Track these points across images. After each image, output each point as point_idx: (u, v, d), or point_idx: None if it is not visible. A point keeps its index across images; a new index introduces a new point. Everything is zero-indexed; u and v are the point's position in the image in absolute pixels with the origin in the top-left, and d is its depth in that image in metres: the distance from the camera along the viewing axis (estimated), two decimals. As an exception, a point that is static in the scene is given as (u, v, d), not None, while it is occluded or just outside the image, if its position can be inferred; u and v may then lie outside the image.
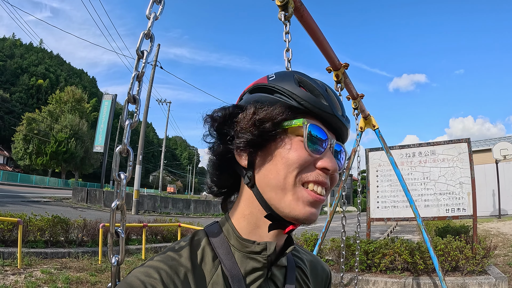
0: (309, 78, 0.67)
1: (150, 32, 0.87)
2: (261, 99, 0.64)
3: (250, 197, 0.65)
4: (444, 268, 5.44)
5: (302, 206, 0.60)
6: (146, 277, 0.55)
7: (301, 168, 0.60)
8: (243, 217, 0.66)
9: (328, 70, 2.22)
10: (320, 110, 0.62)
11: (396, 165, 3.68)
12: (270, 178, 0.61)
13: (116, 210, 0.73)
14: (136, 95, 0.82)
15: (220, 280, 0.61)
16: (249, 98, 0.67)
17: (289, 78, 0.65)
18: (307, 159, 0.60)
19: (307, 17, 1.59)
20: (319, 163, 0.61)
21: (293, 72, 0.68)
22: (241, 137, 0.62)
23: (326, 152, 0.62)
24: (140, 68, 0.83)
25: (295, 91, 0.62)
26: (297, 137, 0.61)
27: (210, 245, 0.65)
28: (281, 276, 0.68)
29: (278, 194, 0.61)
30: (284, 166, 0.60)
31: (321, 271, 0.82)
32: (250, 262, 0.63)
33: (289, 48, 1.36)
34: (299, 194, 0.60)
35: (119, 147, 0.76)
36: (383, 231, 13.46)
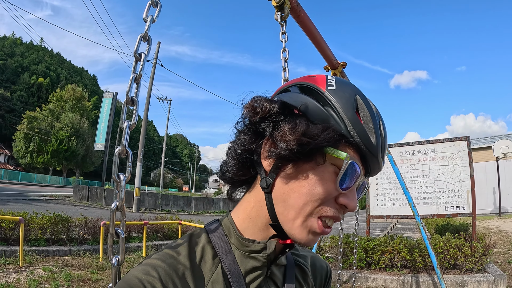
0: (367, 103, 0.62)
1: (148, 35, 0.88)
2: (311, 110, 0.59)
3: (261, 201, 0.63)
4: (443, 266, 5.46)
5: (306, 234, 0.59)
6: (144, 275, 0.55)
7: (323, 201, 0.58)
8: (249, 218, 0.65)
9: (326, 69, 2.24)
10: (365, 148, 0.59)
11: (394, 163, 3.70)
12: (289, 196, 0.59)
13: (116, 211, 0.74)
14: (135, 97, 0.84)
15: (220, 279, 0.60)
16: (298, 97, 0.61)
17: (349, 97, 0.60)
18: (333, 193, 0.59)
19: (303, 17, 1.61)
20: (341, 199, 0.59)
21: (356, 90, 0.63)
22: (278, 147, 0.58)
23: (352, 190, 0.60)
24: (138, 70, 0.85)
25: (349, 116, 0.58)
26: (332, 166, 0.58)
27: (210, 243, 0.64)
28: (280, 275, 0.68)
29: (289, 214, 0.59)
30: (308, 193, 0.58)
31: (320, 268, 0.82)
32: (250, 261, 0.63)
33: (285, 48, 1.38)
34: (309, 223, 0.59)
35: (118, 149, 0.77)
36: (384, 229, 13.49)
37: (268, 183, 0.60)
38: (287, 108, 0.60)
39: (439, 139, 7.09)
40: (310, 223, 0.59)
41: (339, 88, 0.61)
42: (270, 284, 0.65)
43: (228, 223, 0.67)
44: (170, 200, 21.00)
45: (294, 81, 0.66)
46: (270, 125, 0.59)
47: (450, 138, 6.98)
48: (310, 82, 0.62)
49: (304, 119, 0.58)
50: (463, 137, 6.79)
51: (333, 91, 0.60)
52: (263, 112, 0.59)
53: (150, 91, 19.78)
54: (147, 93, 19.89)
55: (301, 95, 0.62)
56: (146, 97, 19.77)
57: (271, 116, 0.59)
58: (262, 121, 0.60)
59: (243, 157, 0.63)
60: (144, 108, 19.67)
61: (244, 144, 0.63)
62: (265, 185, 0.61)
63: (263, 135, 0.61)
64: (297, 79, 0.66)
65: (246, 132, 0.63)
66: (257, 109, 0.60)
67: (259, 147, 0.62)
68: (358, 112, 0.60)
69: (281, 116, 0.59)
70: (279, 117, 0.59)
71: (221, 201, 24.66)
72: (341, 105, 0.59)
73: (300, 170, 0.59)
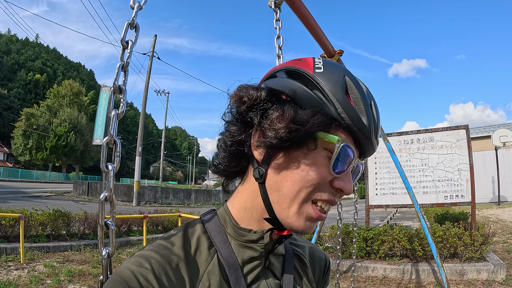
0: (357, 83, 0.60)
1: (135, 22, 0.86)
2: (299, 95, 0.57)
3: (255, 191, 0.62)
4: (442, 255, 5.48)
5: (303, 221, 0.58)
6: (137, 267, 0.54)
7: (317, 186, 0.57)
8: (244, 209, 0.64)
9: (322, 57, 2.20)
10: (357, 130, 0.57)
11: (393, 152, 3.68)
12: (282, 185, 0.58)
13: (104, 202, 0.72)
14: (122, 85, 0.82)
15: (216, 269, 0.59)
16: (285, 83, 0.59)
17: (338, 78, 0.58)
18: (327, 178, 0.57)
19: (298, 4, 1.58)
20: (336, 183, 0.58)
21: (344, 70, 0.60)
22: (267, 136, 0.56)
23: (347, 173, 0.59)
24: (125, 58, 0.83)
25: (338, 98, 0.56)
26: (325, 151, 0.57)
27: (206, 234, 0.63)
28: (278, 265, 0.67)
29: (284, 202, 0.58)
30: (302, 179, 0.57)
31: (318, 258, 0.81)
32: (247, 251, 0.62)
33: (280, 35, 1.35)
34: (304, 210, 0.58)
35: (106, 138, 0.76)
36: (383, 218, 13.54)
37: (261, 173, 0.59)
38: (275, 95, 0.58)
39: (438, 128, 7.08)
40: (305, 209, 0.58)
41: (327, 70, 0.59)
42: (269, 275, 0.64)
43: (224, 213, 0.66)
44: (170, 193, 21.06)
45: (281, 65, 0.64)
46: (258, 114, 0.58)
47: (449, 127, 6.96)
48: (297, 66, 0.60)
49: (293, 105, 0.56)
50: (462, 126, 6.77)
51: (321, 73, 0.58)
52: (250, 100, 0.58)
53: (148, 84, 19.67)
54: (145, 87, 19.78)
55: (289, 80, 0.59)
56: (143, 90, 19.67)
57: (258, 104, 0.58)
58: (249, 110, 0.58)
59: (234, 148, 0.62)
60: (142, 101, 19.58)
61: (233, 135, 0.61)
62: (258, 175, 0.60)
63: (252, 125, 0.59)
64: (284, 64, 0.64)
65: (234, 123, 0.62)
66: (244, 98, 0.58)
67: (249, 137, 0.60)
68: (348, 94, 0.58)
69: (268, 103, 0.58)
70: (266, 105, 0.58)
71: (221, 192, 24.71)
72: (330, 88, 0.57)
73: (292, 157, 0.57)
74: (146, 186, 22.39)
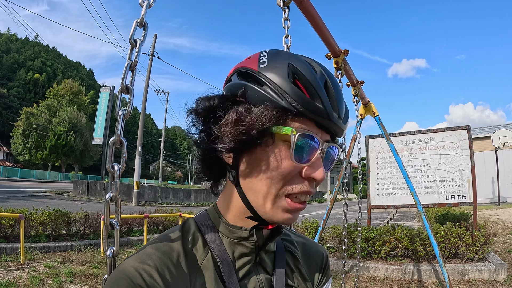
0: (306, 66, 0.59)
1: (144, 21, 0.84)
2: (249, 93, 0.58)
3: (235, 192, 0.64)
4: (444, 255, 5.47)
5: (281, 213, 0.59)
6: (140, 264, 0.55)
7: (286, 180, 0.58)
8: (229, 209, 0.65)
9: (328, 56, 2.19)
10: (314, 114, 0.57)
11: (396, 152, 3.67)
12: (253, 183, 0.59)
13: (110, 202, 0.73)
14: (130, 85, 0.80)
15: (210, 265, 0.61)
16: (236, 84, 0.61)
17: (282, 68, 0.58)
18: (294, 169, 0.57)
19: (306, 3, 1.56)
20: (306, 172, 0.58)
21: (288, 57, 0.60)
22: (224, 142, 0.58)
23: (316, 160, 0.58)
24: (133, 57, 0.81)
25: (286, 89, 0.56)
26: (285, 143, 0.57)
27: (199, 232, 0.65)
28: (269, 261, 0.69)
29: (259, 199, 0.59)
30: (268, 176, 0.58)
31: (315, 253, 0.81)
32: (238, 247, 0.64)
33: (288, 35, 1.33)
34: (279, 204, 0.59)
35: (113, 138, 0.74)
36: (383, 218, 13.54)
37: (233, 176, 0.62)
38: (228, 100, 0.60)
39: (440, 128, 7.07)
40: (280, 204, 0.59)
41: (270, 63, 0.59)
42: (260, 270, 0.66)
43: (214, 213, 0.68)
44: (169, 192, 21.07)
45: (234, 68, 0.65)
46: (216, 121, 0.60)
47: (451, 127, 6.96)
48: (245, 66, 0.61)
49: (245, 105, 0.58)
50: (464, 126, 6.77)
51: (265, 68, 0.58)
52: (204, 111, 0.60)
53: (148, 84, 19.65)
54: (145, 86, 19.76)
55: (238, 82, 0.61)
56: (144, 89, 19.66)
57: (212, 112, 0.59)
58: (207, 120, 0.60)
59: (206, 157, 0.64)
60: (142, 101, 19.57)
61: (200, 146, 0.63)
62: (231, 178, 0.62)
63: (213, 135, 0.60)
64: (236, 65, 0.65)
65: (199, 134, 0.64)
66: (198, 110, 0.61)
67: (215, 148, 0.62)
68: (297, 80, 0.57)
69: (222, 110, 0.59)
70: (220, 112, 0.59)
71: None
72: (276, 80, 0.57)
73: (255, 156, 0.59)
74: (146, 186, 22.38)
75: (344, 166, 3.11)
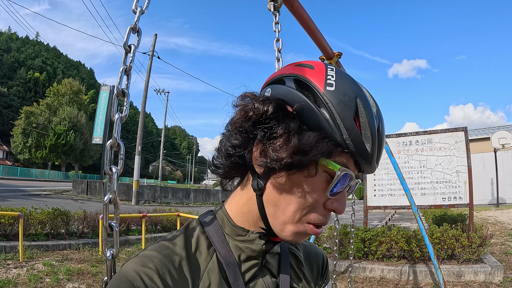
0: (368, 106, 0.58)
1: (137, 26, 0.87)
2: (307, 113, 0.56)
3: (252, 199, 0.63)
4: (440, 256, 5.50)
5: (298, 236, 0.61)
6: (141, 267, 0.55)
7: (312, 208, 0.59)
8: (241, 213, 0.65)
9: (321, 59, 2.22)
10: (360, 157, 0.57)
11: (391, 154, 3.70)
12: (280, 202, 0.59)
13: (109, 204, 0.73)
14: (125, 89, 0.83)
15: (215, 268, 0.60)
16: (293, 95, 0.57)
17: (349, 101, 0.56)
18: (323, 200, 0.59)
19: (297, 7, 1.59)
20: (330, 204, 0.59)
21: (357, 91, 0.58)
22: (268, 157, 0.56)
23: (343, 194, 0.60)
24: (128, 62, 0.84)
25: (347, 125, 0.54)
26: (324, 173, 0.57)
27: (204, 234, 0.64)
28: (275, 263, 0.69)
29: (280, 218, 0.59)
30: (299, 201, 0.58)
31: (315, 255, 0.82)
32: (245, 250, 0.63)
33: (279, 38, 1.36)
34: (300, 228, 0.59)
35: (110, 141, 0.75)
36: (382, 219, 13.56)
37: (259, 186, 0.60)
38: (283, 111, 0.57)
39: (437, 130, 7.10)
40: (301, 228, 0.59)
41: (339, 89, 0.56)
42: (266, 273, 0.66)
43: (222, 214, 0.67)
44: (169, 192, 21.05)
45: (290, 69, 0.62)
46: (263, 131, 0.56)
47: (448, 129, 6.99)
48: (308, 77, 0.58)
49: (298, 124, 0.55)
50: (461, 128, 6.80)
51: (332, 92, 0.56)
52: (256, 116, 0.56)
53: (148, 83, 19.67)
54: (145, 86, 19.78)
55: (297, 93, 0.57)
56: (143, 89, 19.68)
57: (264, 120, 0.56)
58: (254, 126, 0.57)
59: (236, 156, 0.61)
60: (142, 100, 19.58)
61: (235, 148, 0.60)
62: (256, 187, 0.60)
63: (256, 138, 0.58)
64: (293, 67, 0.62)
65: (237, 136, 0.60)
66: (249, 113, 0.57)
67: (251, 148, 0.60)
68: (357, 117, 0.56)
69: (274, 120, 0.56)
70: (272, 122, 0.56)
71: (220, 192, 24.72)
72: (339, 111, 0.55)
73: (292, 178, 0.57)
74: (145, 185, 22.37)
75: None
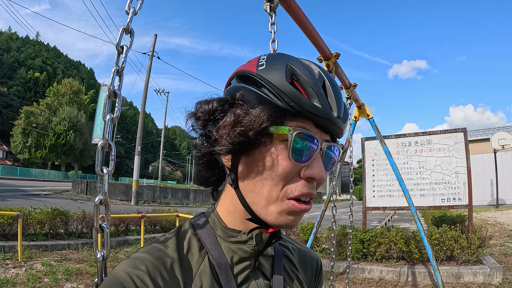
0: (304, 67, 0.59)
1: (130, 27, 0.87)
2: (247, 96, 0.59)
3: (234, 195, 0.63)
4: (439, 257, 5.49)
5: (285, 216, 0.58)
6: (132, 269, 0.55)
7: (286, 181, 0.57)
8: (228, 212, 0.65)
9: (319, 59, 2.21)
10: (312, 114, 0.57)
11: (390, 155, 3.70)
12: (254, 186, 0.59)
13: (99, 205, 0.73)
14: (117, 90, 0.83)
15: (207, 270, 0.60)
16: (235, 87, 0.62)
17: (280, 70, 0.58)
18: (293, 170, 0.57)
19: (294, 8, 1.59)
20: (305, 172, 0.58)
21: (287, 59, 0.60)
22: (223, 144, 0.58)
23: (315, 159, 0.58)
24: (120, 63, 0.84)
25: (284, 89, 0.56)
26: (282, 143, 0.57)
27: (196, 236, 0.64)
28: (268, 266, 0.68)
29: (260, 202, 0.59)
30: (268, 178, 0.57)
31: (310, 259, 0.81)
32: (237, 252, 0.63)
33: (275, 39, 1.35)
34: (283, 207, 0.58)
35: (101, 142, 0.75)
36: (381, 220, 13.56)
37: (232, 179, 0.61)
38: (226, 102, 0.60)
39: (436, 131, 7.10)
40: (284, 207, 0.58)
41: (269, 65, 0.60)
42: (259, 275, 0.65)
43: (213, 216, 0.67)
44: (168, 192, 21.04)
45: (234, 72, 0.66)
46: (215, 124, 0.60)
47: (447, 130, 6.98)
48: (244, 69, 0.62)
49: (243, 107, 0.58)
50: (460, 129, 6.79)
51: (264, 70, 0.59)
52: (204, 115, 0.60)
53: (147, 83, 19.66)
54: (144, 86, 19.76)
55: (239, 84, 0.62)
56: (143, 89, 19.66)
57: (211, 115, 0.60)
58: (206, 123, 0.61)
59: (205, 160, 0.64)
60: (142, 100, 19.57)
61: (200, 149, 0.63)
62: (231, 181, 0.62)
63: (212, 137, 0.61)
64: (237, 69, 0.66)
65: (198, 138, 0.64)
66: (197, 114, 0.61)
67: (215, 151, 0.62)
68: (296, 81, 0.58)
69: (221, 113, 0.60)
70: (219, 115, 0.60)
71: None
72: (274, 81, 0.57)
73: (253, 158, 0.59)
74: (145, 186, 22.36)
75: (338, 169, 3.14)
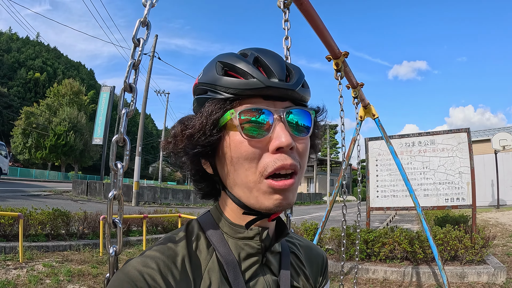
0: (233, 56, 0.61)
1: (147, 20, 0.85)
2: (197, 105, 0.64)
3: (227, 197, 0.65)
4: (443, 258, 5.47)
5: (269, 197, 0.57)
6: (144, 267, 0.55)
7: (255, 161, 0.57)
8: (231, 210, 0.66)
9: (328, 58, 2.20)
10: (250, 90, 0.57)
11: (396, 155, 3.68)
12: (232, 179, 0.60)
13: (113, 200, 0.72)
14: (133, 84, 0.81)
15: (215, 267, 0.61)
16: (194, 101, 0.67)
17: (211, 68, 0.62)
18: (255, 148, 0.56)
19: (306, 5, 1.57)
20: (271, 146, 0.56)
21: (218, 57, 0.63)
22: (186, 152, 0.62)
23: (274, 129, 0.57)
24: (136, 56, 0.82)
25: (218, 82, 0.59)
26: (236, 128, 0.57)
27: (203, 234, 0.65)
28: (275, 262, 0.68)
29: (244, 192, 0.59)
30: (238, 164, 0.58)
31: (316, 255, 0.82)
32: (244, 248, 0.63)
33: (288, 36, 1.33)
34: (263, 188, 0.57)
35: (116, 136, 0.74)
36: (382, 220, 13.55)
37: (217, 181, 0.66)
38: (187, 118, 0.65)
39: (439, 131, 7.09)
40: (263, 187, 0.57)
41: (204, 70, 0.64)
42: (266, 271, 0.66)
43: (218, 213, 0.68)
44: (169, 193, 21.01)
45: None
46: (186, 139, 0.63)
47: (450, 130, 6.97)
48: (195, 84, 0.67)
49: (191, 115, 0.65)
50: (463, 129, 6.78)
51: (201, 77, 0.64)
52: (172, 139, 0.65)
53: (148, 84, 19.64)
54: (145, 87, 19.75)
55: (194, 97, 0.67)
56: (144, 90, 19.64)
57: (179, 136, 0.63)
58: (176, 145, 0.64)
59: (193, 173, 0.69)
60: (142, 101, 19.55)
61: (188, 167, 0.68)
62: (218, 186, 0.68)
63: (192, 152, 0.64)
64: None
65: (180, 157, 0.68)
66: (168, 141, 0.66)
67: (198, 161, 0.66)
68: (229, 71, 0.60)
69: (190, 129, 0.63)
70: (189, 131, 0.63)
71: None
72: (210, 80, 0.61)
73: (222, 154, 0.61)
74: (145, 186, 22.34)
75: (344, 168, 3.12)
